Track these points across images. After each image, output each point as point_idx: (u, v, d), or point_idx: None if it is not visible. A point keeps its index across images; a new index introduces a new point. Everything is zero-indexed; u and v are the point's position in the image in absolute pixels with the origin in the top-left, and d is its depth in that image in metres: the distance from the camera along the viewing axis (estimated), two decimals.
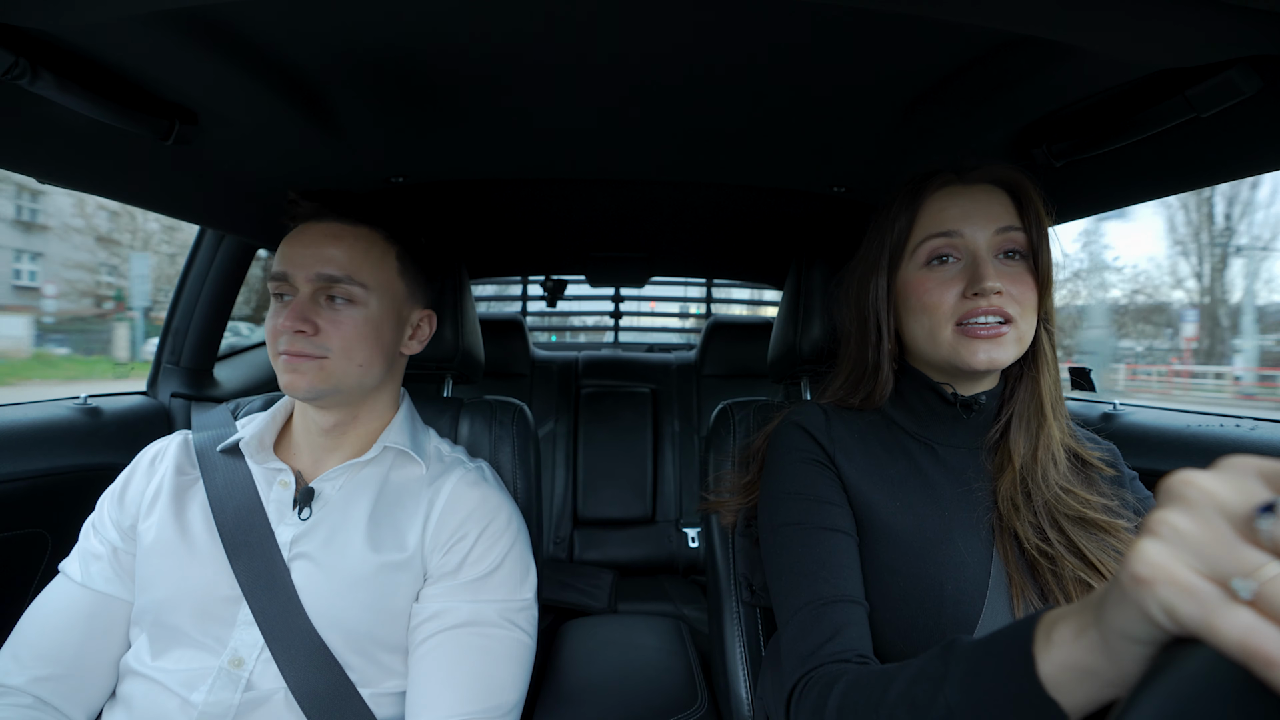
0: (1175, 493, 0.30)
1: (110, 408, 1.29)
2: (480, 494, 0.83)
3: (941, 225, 0.71)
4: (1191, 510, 0.29)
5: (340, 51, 0.73)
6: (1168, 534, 0.29)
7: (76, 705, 0.74)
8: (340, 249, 0.79)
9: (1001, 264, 0.70)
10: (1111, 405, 1.34)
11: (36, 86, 0.66)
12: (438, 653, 0.73)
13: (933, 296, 0.71)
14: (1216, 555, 0.28)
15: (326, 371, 0.78)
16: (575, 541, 2.16)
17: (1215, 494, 0.29)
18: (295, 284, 0.78)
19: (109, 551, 0.79)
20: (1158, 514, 0.30)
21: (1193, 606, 0.27)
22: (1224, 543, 0.28)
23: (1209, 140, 0.79)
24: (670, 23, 0.67)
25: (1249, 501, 0.28)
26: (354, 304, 0.80)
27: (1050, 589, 0.65)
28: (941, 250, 0.72)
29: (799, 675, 0.62)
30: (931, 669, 0.47)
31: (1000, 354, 0.68)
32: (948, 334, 0.70)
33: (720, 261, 2.12)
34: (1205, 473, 0.30)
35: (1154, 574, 0.28)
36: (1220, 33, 0.59)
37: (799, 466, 0.76)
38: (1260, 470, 0.29)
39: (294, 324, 0.75)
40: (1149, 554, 0.29)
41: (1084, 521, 0.68)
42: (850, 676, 0.56)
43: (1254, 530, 0.27)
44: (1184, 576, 0.28)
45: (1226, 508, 0.28)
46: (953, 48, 0.71)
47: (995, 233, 0.70)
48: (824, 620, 0.64)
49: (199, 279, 1.45)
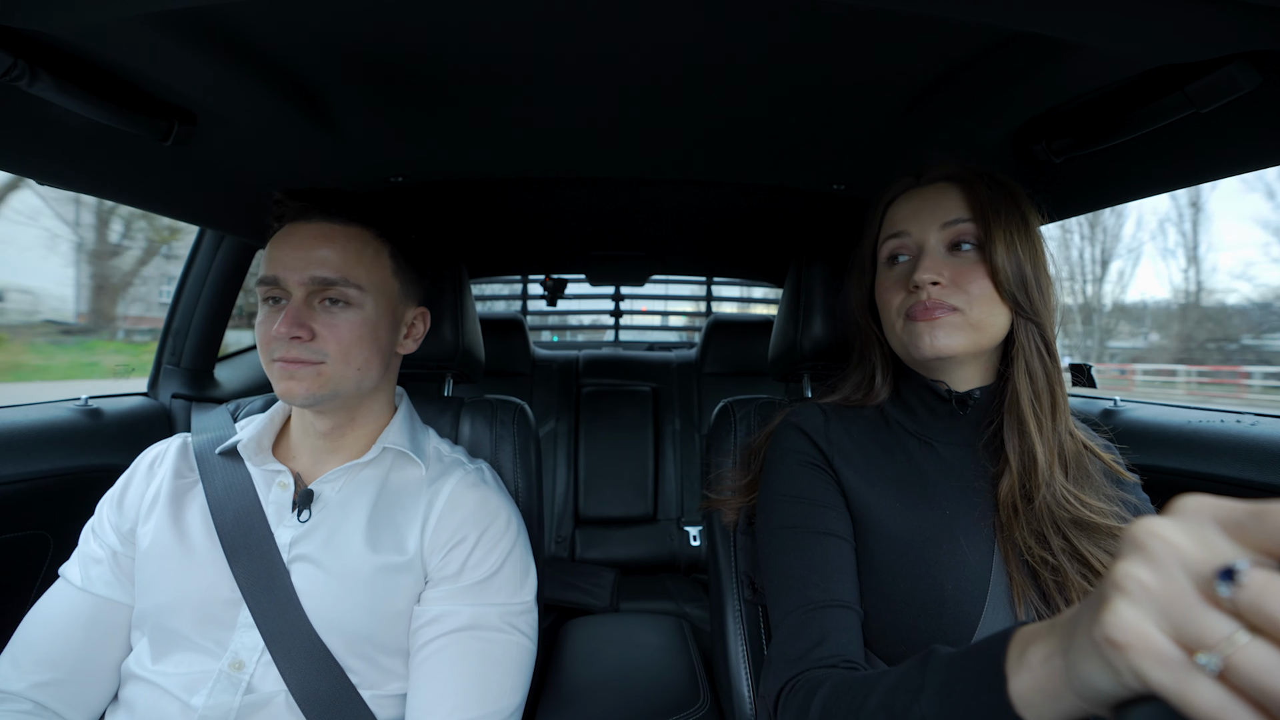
0: (1138, 543, 0.29)
1: (111, 409, 1.29)
2: (479, 496, 0.83)
3: (894, 226, 0.75)
4: (1155, 565, 0.29)
5: (339, 51, 0.73)
6: (1136, 592, 0.29)
7: (77, 710, 0.74)
8: (333, 250, 0.77)
9: (951, 257, 0.71)
10: (1112, 402, 1.34)
11: (35, 88, 0.66)
12: (439, 657, 0.73)
13: (886, 295, 0.75)
14: (1182, 618, 0.27)
15: (324, 377, 0.76)
16: (577, 540, 2.16)
17: (1177, 547, 0.28)
18: (287, 288, 0.76)
19: (109, 555, 0.79)
20: (1123, 567, 0.29)
21: (1165, 675, 0.27)
22: (1188, 605, 0.27)
23: (1208, 136, 0.79)
24: (669, 21, 0.67)
25: (1209, 559, 0.27)
26: (350, 306, 0.78)
27: (1051, 594, 0.65)
28: (895, 250, 0.75)
29: (786, 678, 0.63)
30: (909, 680, 0.48)
31: (945, 339, 0.69)
32: (900, 326, 0.73)
33: (720, 259, 2.12)
34: (1166, 521, 0.29)
35: (1128, 639, 0.28)
36: (1219, 28, 0.58)
37: (795, 469, 0.77)
38: (1216, 516, 0.28)
39: (290, 330, 0.73)
40: (1122, 617, 0.28)
41: (1085, 525, 0.67)
42: (834, 682, 0.57)
43: (1215, 594, 0.27)
44: (1157, 644, 0.27)
45: (1188, 563, 0.28)
46: (952, 44, 0.71)
47: (941, 227, 0.72)
48: (813, 624, 0.65)
49: (199, 280, 1.45)
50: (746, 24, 0.67)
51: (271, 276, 0.76)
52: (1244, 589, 0.26)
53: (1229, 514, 0.28)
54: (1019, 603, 0.64)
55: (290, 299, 0.76)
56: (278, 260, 0.77)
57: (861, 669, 0.62)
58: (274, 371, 0.76)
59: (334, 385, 0.77)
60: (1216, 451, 1.05)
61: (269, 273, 0.77)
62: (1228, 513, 0.28)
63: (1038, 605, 0.65)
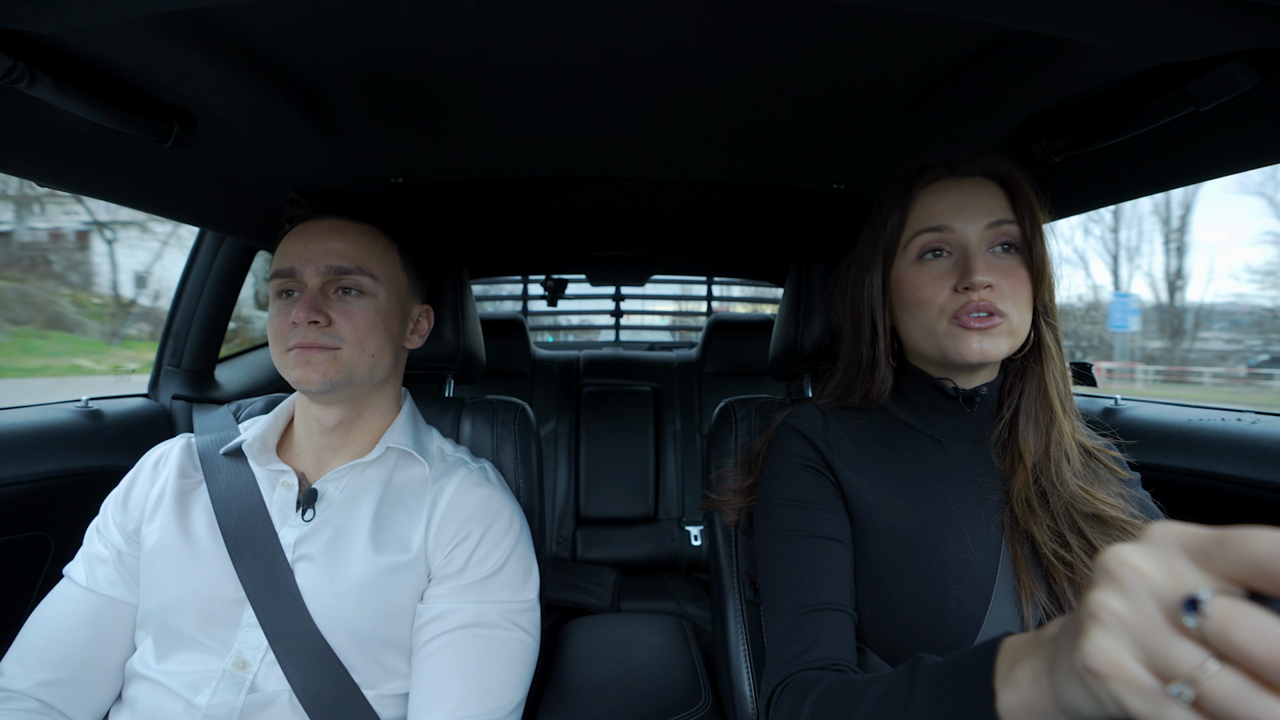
0: (1110, 571, 0.30)
1: (112, 410, 1.30)
2: (483, 494, 0.83)
3: (932, 220, 0.71)
4: (1126, 595, 0.29)
5: (338, 53, 0.73)
6: (1110, 621, 0.29)
7: (81, 709, 0.74)
8: (347, 242, 0.80)
9: (994, 257, 0.70)
10: (1113, 400, 1.34)
11: (34, 90, 0.66)
12: (441, 654, 0.74)
13: (925, 292, 0.71)
14: (1153, 647, 0.28)
15: (340, 362, 0.78)
16: (578, 540, 2.16)
17: (1145, 575, 0.29)
18: (303, 278, 0.78)
19: (113, 555, 0.79)
20: (1097, 596, 0.30)
21: (1142, 704, 0.28)
22: (1159, 634, 0.28)
23: (1208, 134, 0.79)
24: (668, 23, 0.67)
25: (1175, 588, 0.28)
26: (364, 295, 0.80)
27: (1064, 593, 0.64)
28: (933, 245, 0.71)
29: (778, 680, 0.64)
30: (898, 690, 0.48)
31: (992, 346, 0.68)
32: (943, 327, 0.70)
33: (720, 259, 2.12)
34: (1135, 549, 0.30)
35: (1106, 669, 0.29)
36: (1218, 27, 0.59)
37: (793, 472, 0.76)
38: (1183, 543, 0.29)
39: (308, 315, 0.75)
40: (1099, 647, 0.29)
41: (1101, 520, 0.68)
42: (824, 685, 0.57)
43: (1183, 625, 0.27)
44: (1134, 673, 0.28)
45: (1156, 592, 0.28)
46: (951, 44, 0.71)
47: (987, 226, 0.69)
48: (805, 627, 0.66)
49: (199, 281, 1.45)
50: (746, 26, 0.67)
51: (287, 268, 0.78)
52: (1208, 619, 0.26)
53: (1194, 541, 0.28)
54: (1026, 603, 0.64)
55: (305, 289, 0.78)
56: (292, 253, 0.79)
57: (852, 672, 0.63)
58: (289, 360, 0.77)
59: (349, 371, 0.78)
60: (1217, 450, 1.05)
61: (284, 265, 0.79)
62: (1193, 540, 0.28)
63: (1046, 605, 0.64)
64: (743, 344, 2.40)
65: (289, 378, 0.78)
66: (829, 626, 0.66)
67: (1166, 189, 0.98)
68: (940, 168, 0.74)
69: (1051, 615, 0.64)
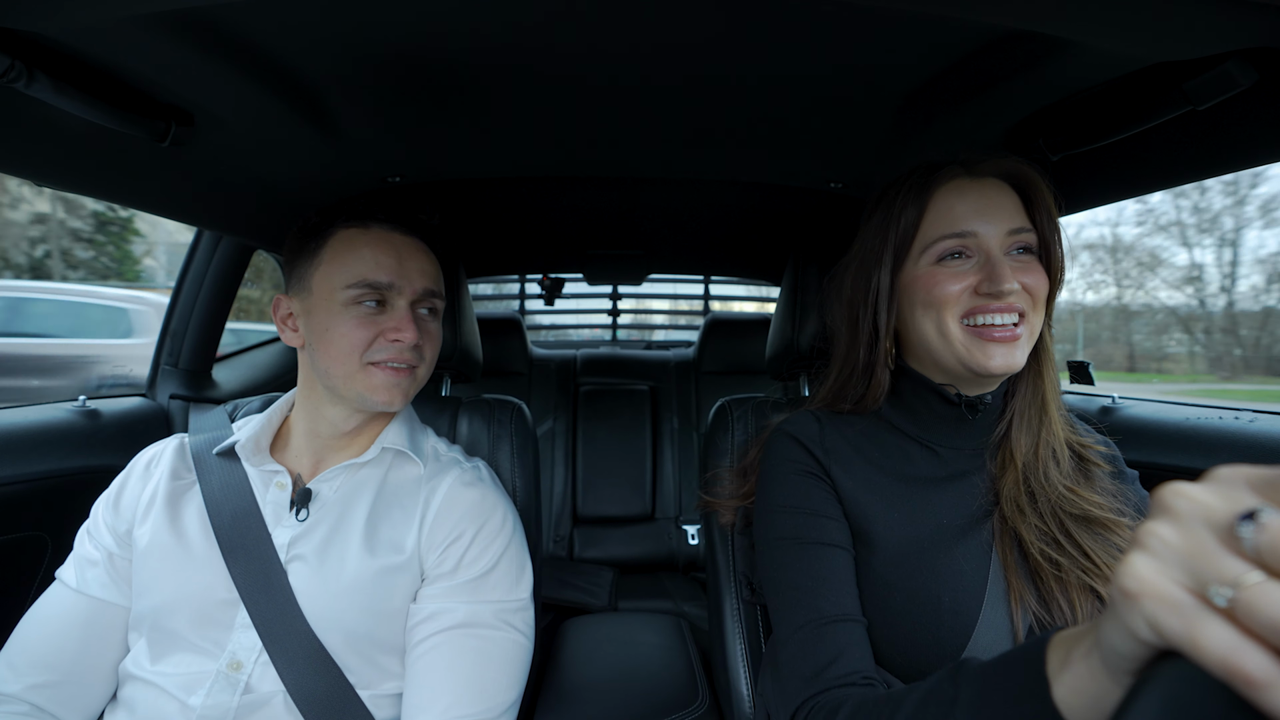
0: (1164, 504, 0.30)
1: (109, 410, 1.29)
2: (476, 494, 0.83)
3: (954, 225, 0.69)
4: (1178, 522, 0.29)
5: (335, 52, 0.73)
6: (1155, 546, 0.29)
7: (73, 712, 0.74)
8: (430, 263, 0.85)
9: (1013, 260, 0.69)
10: (1111, 399, 1.34)
11: (32, 89, 0.66)
12: (434, 654, 0.73)
13: (943, 289, 0.69)
14: (1199, 566, 0.28)
15: (417, 381, 0.83)
16: (575, 540, 2.16)
17: (1203, 504, 0.29)
18: (398, 296, 0.80)
19: (105, 557, 0.79)
20: (1147, 526, 0.30)
21: (1175, 620, 0.27)
22: (1207, 553, 0.28)
23: (1206, 133, 0.79)
24: (666, 21, 0.67)
25: (1234, 510, 0.28)
26: (436, 316, 0.86)
27: (1053, 595, 0.64)
28: (955, 249, 0.70)
29: (804, 697, 0.61)
30: (941, 692, 0.47)
31: (1017, 357, 0.67)
32: (957, 331, 0.68)
33: (717, 258, 2.12)
34: (1195, 484, 0.30)
35: (1139, 588, 0.29)
36: (1216, 26, 0.58)
37: (792, 479, 0.74)
38: (1249, 479, 0.29)
39: (416, 337, 0.79)
40: (1135, 568, 0.29)
41: (1089, 520, 0.67)
42: (855, 700, 0.55)
43: (1236, 539, 0.27)
44: (1167, 590, 0.28)
45: (1212, 518, 0.28)
46: (948, 42, 0.71)
47: (1007, 234, 0.68)
48: (826, 640, 0.64)
49: (197, 280, 1.45)
50: (743, 24, 0.67)
51: (387, 282, 0.79)
52: (1264, 529, 0.26)
53: (1261, 475, 0.29)
54: (1016, 609, 0.63)
55: (393, 306, 0.80)
56: (386, 266, 0.79)
57: (878, 685, 0.61)
58: (375, 376, 0.79)
59: (418, 388, 0.84)
60: (1215, 448, 1.05)
61: (378, 277, 0.78)
62: (1260, 475, 0.29)
63: (1035, 609, 0.64)
64: (740, 343, 2.40)
65: (363, 388, 0.78)
66: (851, 637, 0.64)
67: (1164, 187, 0.98)
68: (957, 166, 0.73)
69: (1042, 620, 0.63)
